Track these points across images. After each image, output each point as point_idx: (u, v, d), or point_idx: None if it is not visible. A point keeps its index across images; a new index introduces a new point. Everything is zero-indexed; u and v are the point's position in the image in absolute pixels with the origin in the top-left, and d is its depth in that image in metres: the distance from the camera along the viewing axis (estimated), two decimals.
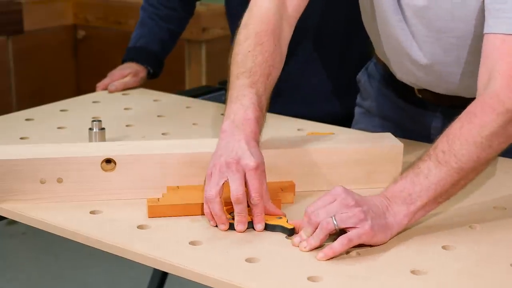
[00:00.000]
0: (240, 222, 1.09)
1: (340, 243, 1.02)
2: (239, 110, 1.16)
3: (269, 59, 1.23)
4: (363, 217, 1.03)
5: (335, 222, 1.02)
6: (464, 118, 1.10)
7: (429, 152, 1.09)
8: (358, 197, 1.06)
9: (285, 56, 1.29)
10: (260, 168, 1.10)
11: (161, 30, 1.91)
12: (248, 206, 1.10)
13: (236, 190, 1.08)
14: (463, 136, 1.08)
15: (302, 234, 1.05)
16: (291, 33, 1.31)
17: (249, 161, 1.09)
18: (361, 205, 1.04)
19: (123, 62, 1.90)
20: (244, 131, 1.14)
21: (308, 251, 1.03)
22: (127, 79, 1.84)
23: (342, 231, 1.03)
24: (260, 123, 1.17)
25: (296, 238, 1.06)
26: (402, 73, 1.45)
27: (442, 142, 1.09)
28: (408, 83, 1.47)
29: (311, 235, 1.04)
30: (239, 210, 1.09)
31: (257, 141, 1.15)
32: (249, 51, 1.23)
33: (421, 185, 1.07)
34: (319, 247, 1.03)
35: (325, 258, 1.01)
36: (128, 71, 1.85)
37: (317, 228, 1.04)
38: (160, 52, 1.92)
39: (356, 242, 1.03)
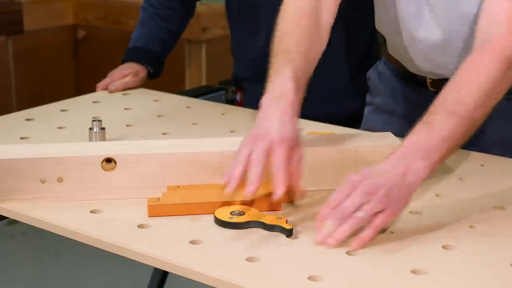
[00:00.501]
0: (251, 183, 1.08)
1: (368, 235, 1.04)
2: (276, 85, 1.19)
3: (306, 38, 1.26)
4: (387, 201, 1.04)
5: (363, 215, 1.04)
6: (467, 66, 1.14)
7: (437, 104, 1.13)
8: (376, 177, 1.06)
9: (327, 41, 1.32)
10: (287, 141, 1.12)
11: (161, 30, 1.91)
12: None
13: (255, 155, 1.10)
14: (469, 85, 1.12)
15: (327, 228, 1.05)
16: (333, 18, 1.32)
17: (276, 134, 1.11)
18: (382, 187, 1.04)
19: (123, 62, 1.89)
20: (281, 102, 1.16)
21: (335, 244, 1.03)
22: (127, 79, 1.84)
23: None
24: (298, 95, 1.20)
25: (319, 235, 1.05)
26: (418, 61, 1.44)
27: (449, 93, 1.13)
28: (423, 73, 1.47)
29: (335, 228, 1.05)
30: (253, 173, 1.09)
31: (295, 112, 1.17)
32: (286, 32, 1.26)
33: (436, 138, 1.09)
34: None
35: (358, 248, 1.03)
36: (129, 71, 1.85)
37: (343, 220, 1.04)
38: (160, 52, 1.91)
39: (381, 227, 1.05)
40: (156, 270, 2.19)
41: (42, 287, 2.76)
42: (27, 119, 1.61)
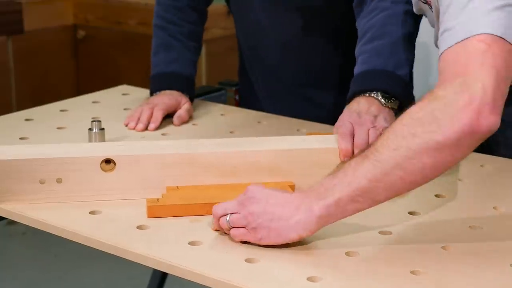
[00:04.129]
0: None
1: (233, 234, 1.04)
2: None
3: None
4: (252, 220, 1.03)
5: (227, 220, 1.05)
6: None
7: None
8: (263, 195, 1.05)
9: None
10: None
11: (190, 50, 1.72)
12: None
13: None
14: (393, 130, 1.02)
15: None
16: None
17: None
18: (257, 204, 1.04)
19: (154, 91, 1.66)
20: None
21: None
22: (187, 106, 1.63)
23: None
24: None
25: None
26: None
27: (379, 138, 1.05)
28: None
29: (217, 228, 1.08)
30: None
31: None
32: None
33: (339, 179, 1.02)
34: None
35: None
36: (178, 99, 1.63)
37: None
38: (193, 75, 1.72)
39: (237, 238, 1.05)
40: (155, 270, 2.19)
41: (42, 287, 2.76)
42: (27, 119, 1.61)
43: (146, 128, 1.54)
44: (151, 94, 1.67)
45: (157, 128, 1.55)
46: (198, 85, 3.19)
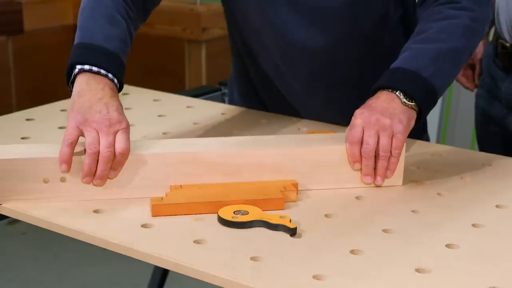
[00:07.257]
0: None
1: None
2: None
3: None
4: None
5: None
6: None
7: None
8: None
9: None
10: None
11: (131, 38, 1.34)
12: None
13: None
14: None
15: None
16: None
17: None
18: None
19: (82, 63, 1.32)
20: None
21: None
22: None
23: None
24: None
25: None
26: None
27: None
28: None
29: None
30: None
31: None
32: None
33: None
34: None
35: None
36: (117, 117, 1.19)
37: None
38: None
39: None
40: (156, 269, 2.19)
41: (42, 287, 2.76)
42: (27, 119, 1.61)
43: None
44: (71, 70, 1.37)
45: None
46: (198, 85, 3.21)
